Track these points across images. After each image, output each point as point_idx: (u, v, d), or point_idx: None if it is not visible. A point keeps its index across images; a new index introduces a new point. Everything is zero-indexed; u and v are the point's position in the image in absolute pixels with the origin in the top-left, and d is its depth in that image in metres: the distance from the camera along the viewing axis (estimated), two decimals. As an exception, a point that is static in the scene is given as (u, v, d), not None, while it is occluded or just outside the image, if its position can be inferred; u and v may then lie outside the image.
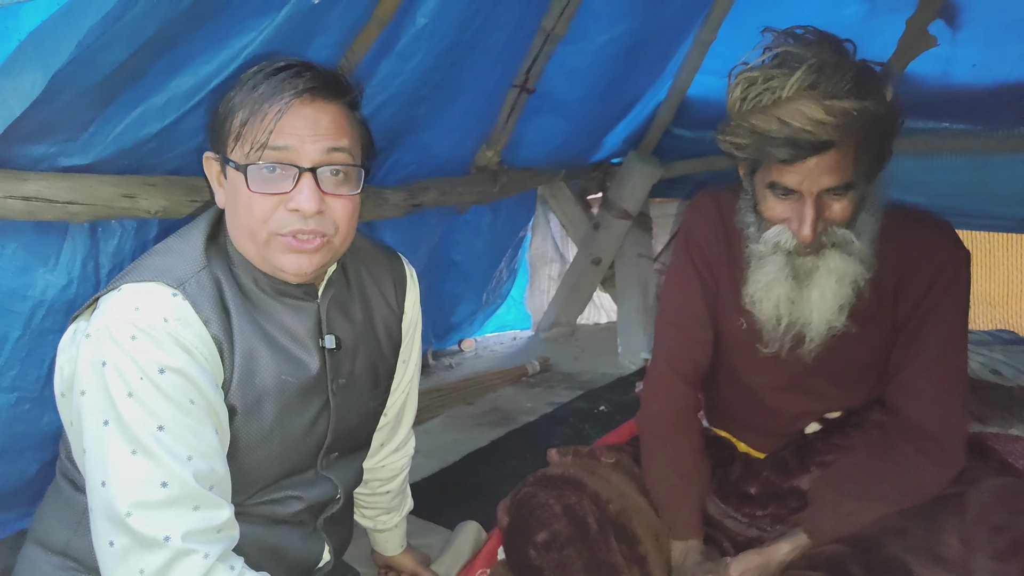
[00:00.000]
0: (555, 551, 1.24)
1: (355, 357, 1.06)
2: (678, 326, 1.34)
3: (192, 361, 0.86)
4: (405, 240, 2.21)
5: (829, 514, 1.21)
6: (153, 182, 1.32)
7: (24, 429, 1.28)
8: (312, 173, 0.90)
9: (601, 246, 3.02)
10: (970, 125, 2.40)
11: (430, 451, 2.05)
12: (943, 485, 1.18)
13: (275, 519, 1.01)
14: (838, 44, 1.06)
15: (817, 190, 1.05)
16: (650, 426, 1.37)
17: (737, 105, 1.05)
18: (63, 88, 1.02)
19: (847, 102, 0.99)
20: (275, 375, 0.95)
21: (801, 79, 1.00)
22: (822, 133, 1.00)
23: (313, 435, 1.02)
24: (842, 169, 1.04)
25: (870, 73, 1.05)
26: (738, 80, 1.05)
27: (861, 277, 1.13)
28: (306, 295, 1.00)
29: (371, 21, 1.47)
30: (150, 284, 0.88)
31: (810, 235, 1.07)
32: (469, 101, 1.98)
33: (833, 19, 2.33)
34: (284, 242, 0.91)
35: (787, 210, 1.09)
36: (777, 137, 1.01)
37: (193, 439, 0.84)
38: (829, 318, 1.15)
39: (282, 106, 0.88)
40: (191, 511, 0.82)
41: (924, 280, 1.18)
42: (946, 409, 1.19)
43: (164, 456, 0.81)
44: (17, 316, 1.20)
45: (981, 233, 2.96)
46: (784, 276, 1.14)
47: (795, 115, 0.99)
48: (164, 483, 0.80)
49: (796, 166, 1.04)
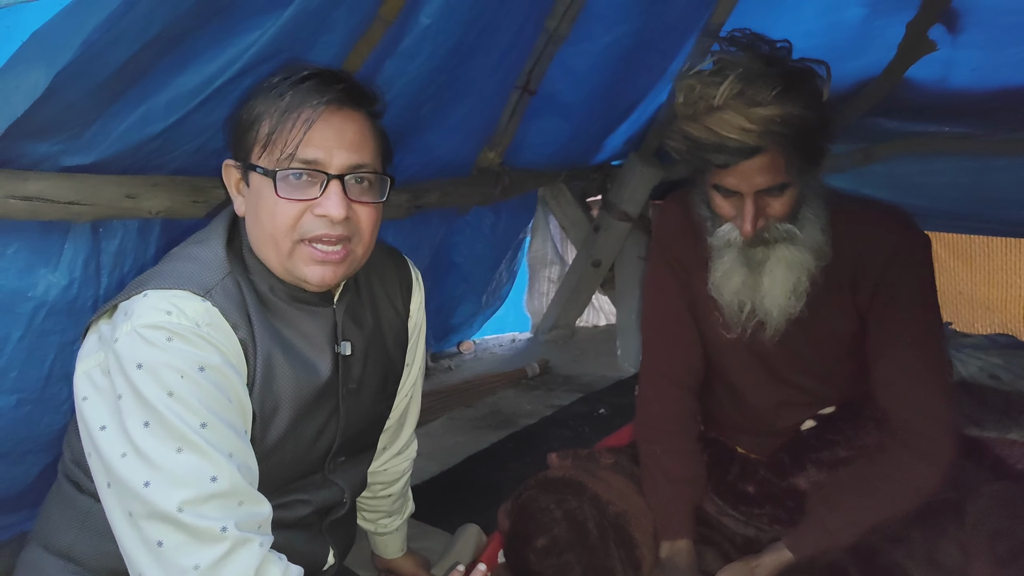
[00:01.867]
0: (554, 556, 1.25)
1: (365, 362, 1.06)
2: (660, 330, 1.38)
3: (227, 361, 0.87)
4: (408, 241, 2.21)
5: (813, 530, 1.22)
6: (156, 182, 1.31)
7: (26, 432, 1.26)
8: (340, 180, 0.91)
9: (601, 248, 3.02)
10: (970, 129, 2.41)
11: (431, 453, 2.04)
12: (936, 481, 1.18)
13: (282, 523, 1.00)
14: (771, 48, 1.12)
15: (754, 190, 1.11)
16: (641, 431, 1.39)
17: (679, 111, 1.11)
18: (66, 87, 1.01)
19: (770, 109, 1.04)
20: (291, 381, 0.95)
21: (728, 89, 1.05)
22: (748, 139, 1.06)
23: (323, 440, 1.02)
24: (774, 170, 1.10)
25: (800, 77, 1.09)
26: (679, 87, 1.10)
27: (811, 264, 1.17)
28: (322, 301, 1.00)
29: (376, 21, 1.47)
30: (177, 291, 0.88)
31: (750, 231, 1.13)
32: (472, 102, 1.97)
33: (833, 22, 2.34)
34: (308, 252, 0.92)
35: (731, 208, 1.16)
36: (708, 144, 1.08)
37: (233, 436, 0.85)
38: (782, 303, 1.19)
39: (311, 115, 0.89)
40: (237, 506, 0.82)
41: (878, 264, 1.20)
42: (925, 400, 1.18)
43: (211, 451, 0.81)
44: (19, 317, 1.19)
45: (980, 237, 2.97)
46: (739, 265, 1.20)
47: (722, 124, 1.06)
48: (214, 477, 0.81)
49: (731, 169, 1.10)
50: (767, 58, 1.10)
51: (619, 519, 1.30)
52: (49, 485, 1.05)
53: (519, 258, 3.14)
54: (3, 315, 1.18)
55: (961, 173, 2.44)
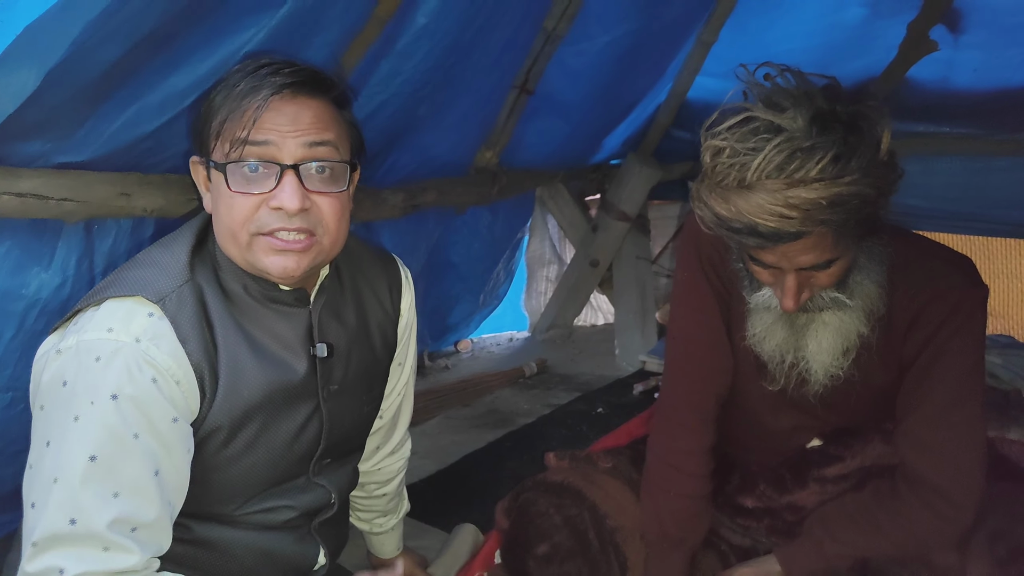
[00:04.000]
0: (555, 565, 1.23)
1: (348, 362, 1.04)
2: (693, 357, 1.23)
3: (154, 391, 0.84)
4: (404, 241, 2.20)
5: (809, 551, 1.18)
6: (149, 180, 1.31)
7: (19, 431, 1.26)
8: (295, 170, 0.87)
9: (599, 248, 3.01)
10: (971, 129, 2.40)
11: (427, 452, 2.04)
12: (949, 540, 1.11)
13: (268, 525, 1.00)
14: (821, 105, 0.90)
15: (796, 268, 0.98)
16: (657, 465, 1.27)
17: (705, 175, 0.95)
18: (58, 85, 1.00)
19: (815, 190, 0.87)
20: (262, 384, 0.93)
21: (764, 164, 0.88)
22: (788, 227, 0.89)
23: (301, 442, 1.00)
24: (820, 249, 0.95)
25: (856, 134, 0.89)
26: (706, 145, 0.94)
27: (863, 327, 1.06)
28: (297, 301, 0.98)
29: (371, 20, 1.46)
30: (128, 301, 0.86)
31: (793, 307, 1.01)
32: (469, 102, 1.97)
33: (834, 22, 2.33)
34: (266, 242, 0.88)
35: (771, 277, 1.03)
36: (738, 227, 0.92)
37: (126, 475, 0.81)
38: (829, 365, 1.09)
39: (261, 101, 0.86)
40: (100, 551, 0.80)
41: (934, 321, 1.08)
42: (957, 462, 1.09)
43: (83, 492, 0.79)
44: (11, 316, 1.19)
45: (980, 238, 2.96)
46: (780, 327, 1.10)
47: (755, 208, 0.89)
48: (73, 520, 0.78)
49: (768, 248, 0.95)
50: (817, 116, 0.89)
51: (615, 535, 1.27)
52: (41, 485, 1.04)
53: (517, 257, 3.13)
54: (-4, 314, 1.18)
55: (961, 174, 2.43)
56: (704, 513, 1.28)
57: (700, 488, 1.25)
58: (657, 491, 1.27)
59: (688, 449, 1.24)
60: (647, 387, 2.50)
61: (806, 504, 1.27)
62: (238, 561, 0.98)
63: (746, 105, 0.93)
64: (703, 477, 1.25)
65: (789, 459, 1.31)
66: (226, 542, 0.97)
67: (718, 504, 1.36)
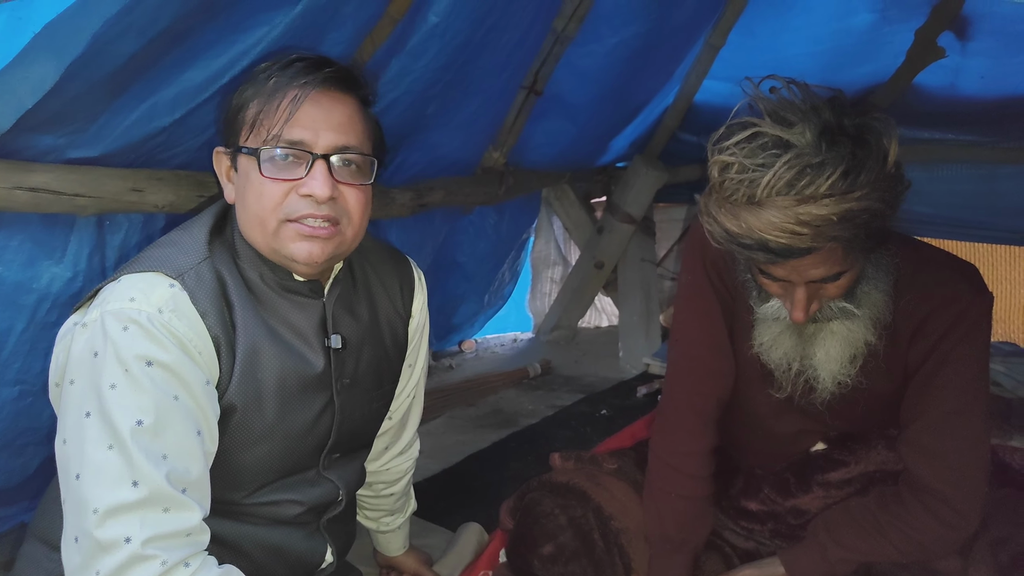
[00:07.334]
0: (560, 565, 1.24)
1: (359, 356, 1.06)
2: (696, 359, 1.24)
3: (184, 356, 0.85)
4: (411, 240, 2.20)
5: (813, 555, 1.19)
6: (161, 176, 1.31)
7: (27, 423, 1.26)
8: (325, 160, 0.90)
9: (604, 250, 3.01)
10: (976, 136, 2.41)
11: (432, 452, 2.04)
12: (952, 546, 1.12)
13: (277, 519, 1.00)
14: (828, 119, 0.90)
15: (805, 281, 0.99)
16: (658, 466, 1.28)
17: (713, 190, 0.95)
18: (74, 80, 1.01)
19: (826, 206, 0.87)
20: (278, 371, 0.95)
21: (774, 181, 0.87)
22: (797, 242, 0.90)
23: (315, 433, 1.01)
24: (830, 263, 0.96)
25: (864, 148, 0.89)
26: (714, 160, 0.94)
27: (870, 336, 1.08)
28: (312, 292, 1.00)
29: (384, 18, 1.46)
30: (148, 274, 0.87)
31: (802, 319, 1.02)
32: (478, 102, 1.97)
33: (842, 27, 2.34)
34: (294, 229, 0.91)
35: (779, 289, 1.03)
36: (748, 243, 0.92)
37: (171, 437, 0.82)
38: (837, 373, 1.10)
39: (298, 95, 0.89)
40: (161, 513, 0.80)
41: (939, 329, 1.09)
42: (960, 469, 1.10)
43: (138, 454, 0.79)
44: (22, 309, 1.19)
45: (984, 245, 2.97)
46: (787, 337, 1.11)
47: (767, 225, 0.89)
48: (135, 482, 0.78)
49: (779, 263, 0.96)
50: (825, 130, 0.89)
51: (620, 536, 1.28)
52: (49, 477, 1.04)
53: (522, 258, 3.14)
54: (6, 307, 1.18)
55: (967, 180, 2.44)
56: (705, 515, 1.28)
57: (701, 489, 1.26)
58: (658, 492, 1.28)
59: (689, 451, 1.25)
60: (651, 389, 2.50)
61: (810, 508, 1.27)
62: (248, 557, 0.98)
63: (753, 120, 0.92)
64: (704, 479, 1.25)
65: (793, 463, 1.32)
66: (236, 537, 0.97)
67: (722, 507, 1.36)
